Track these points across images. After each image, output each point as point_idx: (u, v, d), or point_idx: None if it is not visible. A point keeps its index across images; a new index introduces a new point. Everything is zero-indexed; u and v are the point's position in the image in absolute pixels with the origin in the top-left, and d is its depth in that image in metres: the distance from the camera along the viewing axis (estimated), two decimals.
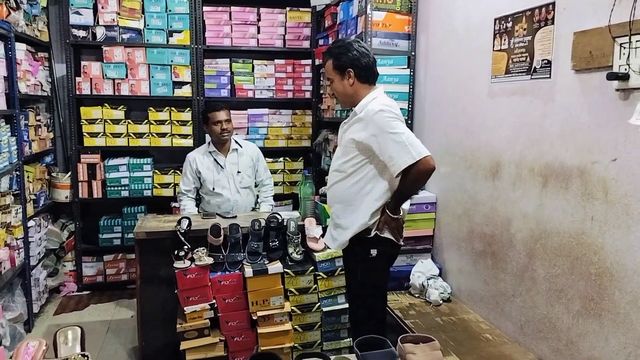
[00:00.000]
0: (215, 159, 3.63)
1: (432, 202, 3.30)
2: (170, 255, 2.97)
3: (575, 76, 2.13)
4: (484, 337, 2.58)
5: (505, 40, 2.58)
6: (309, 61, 4.64)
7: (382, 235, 2.36)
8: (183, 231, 3.00)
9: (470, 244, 2.93)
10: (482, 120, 2.80)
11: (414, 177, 2.18)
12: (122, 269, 4.49)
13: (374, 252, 2.41)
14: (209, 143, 3.68)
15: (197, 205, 3.85)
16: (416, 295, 3.12)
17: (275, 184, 4.64)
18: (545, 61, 2.30)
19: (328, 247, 3.05)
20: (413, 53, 3.55)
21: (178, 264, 2.90)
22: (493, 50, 2.68)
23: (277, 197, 4.69)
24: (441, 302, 3.00)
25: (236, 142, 3.71)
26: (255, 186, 3.90)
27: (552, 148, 2.27)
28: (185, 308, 2.89)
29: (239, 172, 3.67)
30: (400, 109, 3.54)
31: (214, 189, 3.62)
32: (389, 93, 3.53)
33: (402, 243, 2.43)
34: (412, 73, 3.56)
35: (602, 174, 1.99)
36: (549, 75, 2.29)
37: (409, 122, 3.61)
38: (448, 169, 3.17)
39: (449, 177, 3.15)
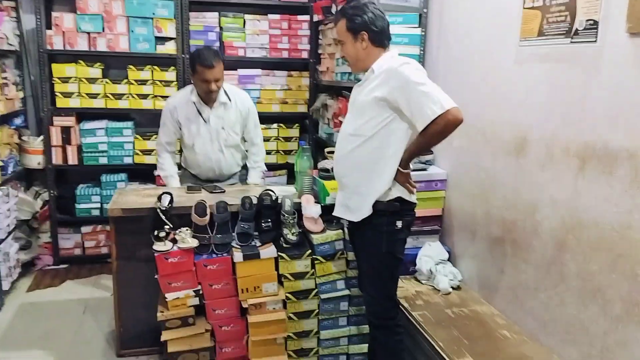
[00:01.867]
0: (198, 110, 3.12)
1: (442, 179, 2.98)
2: (150, 234, 2.66)
3: (630, 41, 1.79)
4: (501, 334, 2.31)
5: None
6: (307, 17, 4.21)
7: (394, 198, 2.24)
8: (164, 209, 2.67)
9: (486, 229, 2.63)
10: (507, 90, 2.46)
11: (441, 128, 2.07)
12: (101, 242, 4.18)
13: (399, 223, 2.26)
14: (192, 90, 3.13)
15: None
16: (423, 281, 2.84)
17: (269, 152, 4.30)
18: (591, 21, 1.95)
19: (329, 229, 2.77)
20: (425, 10, 3.16)
21: (158, 246, 2.58)
22: (524, 7, 2.31)
23: (270, 167, 4.36)
24: (451, 289, 2.73)
25: (225, 93, 3.16)
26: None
27: (595, 126, 1.94)
28: (166, 295, 2.60)
29: (223, 128, 3.17)
30: None
31: (193, 145, 3.16)
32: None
33: (415, 200, 2.32)
34: (423, 33, 3.17)
35: None
36: (594, 39, 1.94)
37: None
38: (462, 143, 2.84)
39: (463, 152, 2.82)
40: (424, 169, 3.00)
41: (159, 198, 2.71)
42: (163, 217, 2.64)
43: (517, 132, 2.39)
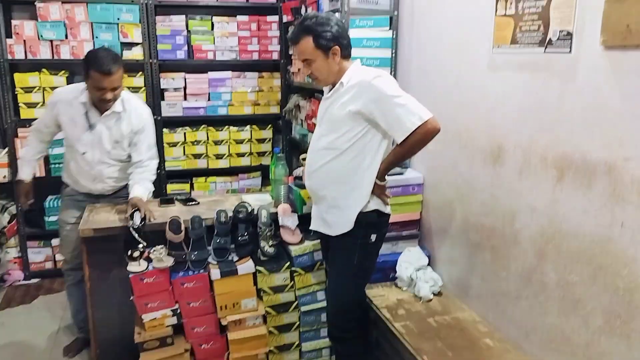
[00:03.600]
0: (86, 112, 2.72)
1: (419, 183, 2.96)
2: (123, 253, 2.58)
3: (605, 53, 1.77)
4: (484, 343, 2.31)
5: (511, 3, 2.19)
6: (276, 17, 4.13)
7: (372, 210, 2.26)
8: (137, 227, 2.58)
9: (464, 234, 2.62)
10: (481, 96, 2.43)
11: (420, 137, 2.09)
12: None
13: (373, 236, 2.29)
14: (84, 89, 2.70)
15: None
16: (404, 288, 2.82)
17: (242, 155, 4.26)
18: (565, 32, 1.93)
19: (307, 239, 2.73)
20: (396, 12, 3.11)
21: (133, 267, 2.51)
22: (496, 14, 2.28)
23: (244, 170, 4.33)
24: (432, 296, 2.71)
25: (122, 102, 2.75)
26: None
27: (572, 136, 1.93)
28: (143, 316, 2.53)
29: (109, 140, 2.77)
30: None
31: (74, 147, 2.79)
32: (368, 58, 3.14)
33: (389, 211, 2.37)
34: (395, 36, 3.13)
35: (638, 174, 1.67)
36: (569, 50, 1.91)
37: None
38: (438, 147, 2.79)
39: (439, 156, 2.80)
40: (401, 173, 2.97)
41: (131, 216, 2.62)
42: (136, 236, 2.56)
43: (492, 138, 2.37)
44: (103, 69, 2.53)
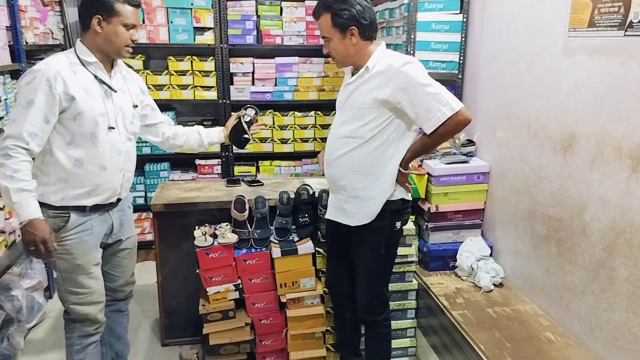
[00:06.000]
0: (94, 76, 2.04)
1: (484, 172, 2.89)
2: (191, 229, 2.70)
3: None
4: (545, 336, 2.24)
5: None
6: None
7: (397, 199, 2.21)
8: (248, 120, 2.55)
9: (530, 225, 2.54)
10: (553, 82, 2.34)
11: (451, 129, 2.04)
12: (146, 229, 4.29)
13: (398, 224, 2.27)
14: (72, 53, 2.04)
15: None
16: (464, 278, 2.78)
17: (306, 140, 4.29)
18: None
19: None
20: None
21: (199, 242, 2.62)
22: None
23: (307, 155, 4.37)
24: (492, 287, 2.66)
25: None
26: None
27: None
28: (207, 289, 2.65)
29: (135, 105, 2.21)
30: (450, 61, 3.15)
31: (93, 135, 2.01)
32: (436, 42, 3.10)
33: (411, 198, 2.32)
34: (465, 19, 3.06)
35: None
36: None
37: (460, 76, 3.16)
38: (506, 135, 2.74)
39: (507, 145, 2.72)
40: (466, 161, 2.92)
41: (245, 109, 2.60)
42: (246, 127, 2.55)
43: (564, 127, 2.28)
44: (134, 1, 2.05)
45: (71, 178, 2.02)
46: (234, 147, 4.15)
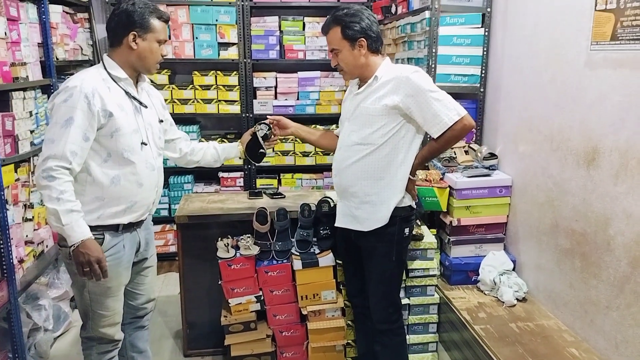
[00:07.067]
0: (125, 92, 2.04)
1: (507, 185, 2.87)
2: (214, 240, 2.74)
3: None
4: (569, 352, 2.21)
5: None
6: None
7: (406, 206, 2.27)
8: (263, 134, 2.55)
9: (553, 240, 2.52)
10: (576, 95, 2.33)
11: (457, 133, 2.14)
12: (169, 241, 4.35)
13: (407, 230, 2.31)
14: (100, 68, 2.03)
15: None
16: (486, 292, 2.76)
17: (327, 153, 4.32)
18: None
19: None
20: (489, 9, 3.05)
21: (222, 253, 2.66)
22: (595, 9, 2.18)
23: (328, 168, 4.38)
24: (515, 302, 2.63)
25: None
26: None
27: None
28: (229, 300, 2.68)
29: (161, 120, 2.23)
30: (471, 75, 3.16)
31: (127, 152, 2.01)
32: (458, 56, 3.11)
33: (414, 205, 2.35)
34: (487, 33, 3.07)
35: None
36: None
37: (482, 90, 3.16)
38: (528, 148, 2.73)
39: (529, 158, 2.71)
40: (488, 175, 2.91)
41: (259, 125, 2.61)
42: (262, 142, 2.54)
43: (587, 140, 2.26)
44: (165, 16, 2.06)
45: (108, 196, 2.00)
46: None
